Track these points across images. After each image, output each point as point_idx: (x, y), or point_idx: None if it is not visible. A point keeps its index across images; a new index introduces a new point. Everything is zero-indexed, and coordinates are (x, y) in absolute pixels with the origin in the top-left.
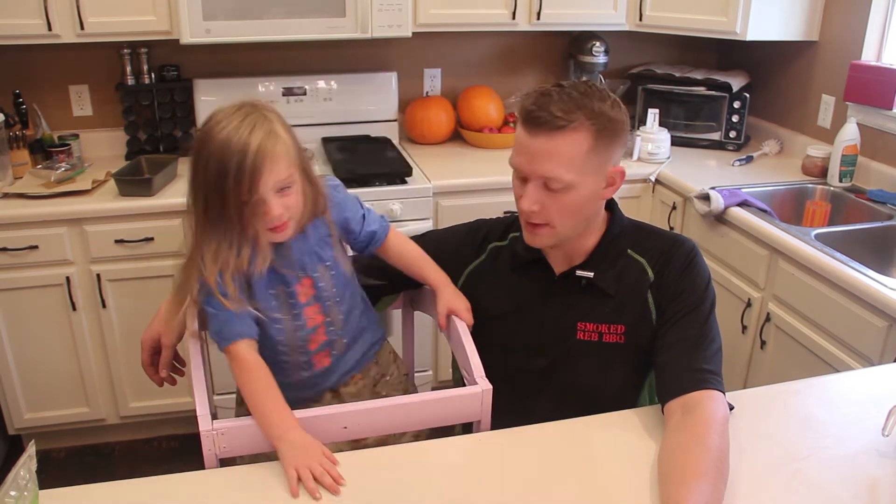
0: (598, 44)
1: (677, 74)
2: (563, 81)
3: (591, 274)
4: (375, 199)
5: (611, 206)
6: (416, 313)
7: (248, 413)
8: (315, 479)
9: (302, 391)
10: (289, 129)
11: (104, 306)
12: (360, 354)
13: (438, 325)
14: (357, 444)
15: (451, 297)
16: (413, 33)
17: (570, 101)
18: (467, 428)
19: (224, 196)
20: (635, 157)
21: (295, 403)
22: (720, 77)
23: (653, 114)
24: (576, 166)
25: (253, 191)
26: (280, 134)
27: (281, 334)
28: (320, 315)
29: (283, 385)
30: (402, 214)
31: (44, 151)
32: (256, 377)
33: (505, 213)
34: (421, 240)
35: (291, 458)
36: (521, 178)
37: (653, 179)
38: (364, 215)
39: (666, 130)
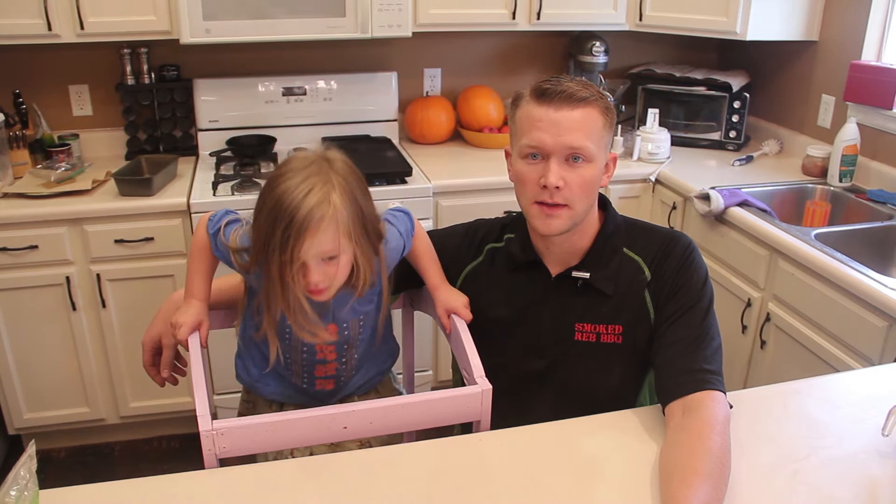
0: (598, 44)
1: (677, 74)
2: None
3: (587, 274)
4: (375, 199)
5: (604, 204)
6: (417, 313)
7: (248, 413)
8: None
9: (298, 397)
10: (350, 195)
11: (104, 306)
12: (364, 380)
13: (442, 328)
14: (337, 447)
15: (447, 298)
16: (413, 33)
17: (580, 82)
18: (466, 428)
19: (269, 249)
20: (635, 157)
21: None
22: (720, 77)
23: (653, 114)
24: (595, 139)
25: (295, 256)
26: (335, 202)
27: (286, 348)
28: (333, 353)
29: (284, 385)
30: None
31: (44, 151)
32: (198, 246)
33: (505, 212)
34: None
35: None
36: (542, 157)
37: (653, 179)
38: (404, 245)
39: (666, 130)
